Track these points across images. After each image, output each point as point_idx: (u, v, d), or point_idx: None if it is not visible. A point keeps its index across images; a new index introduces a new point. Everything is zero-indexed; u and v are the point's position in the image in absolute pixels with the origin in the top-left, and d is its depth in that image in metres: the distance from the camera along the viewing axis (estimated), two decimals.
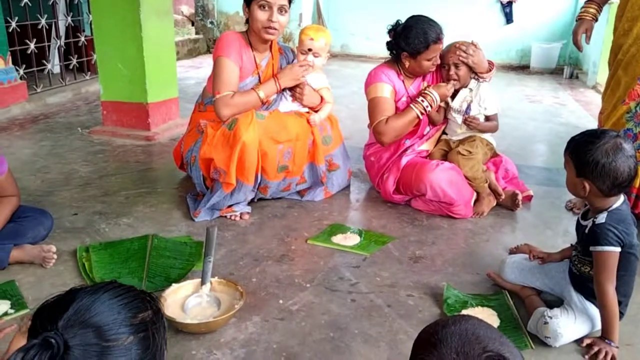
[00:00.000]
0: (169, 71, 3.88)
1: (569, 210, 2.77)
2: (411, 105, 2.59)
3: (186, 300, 1.77)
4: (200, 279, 1.84)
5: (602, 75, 6.28)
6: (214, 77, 2.46)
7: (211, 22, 8.17)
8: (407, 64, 2.63)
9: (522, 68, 7.93)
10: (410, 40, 2.54)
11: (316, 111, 2.71)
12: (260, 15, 2.40)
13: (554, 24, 7.84)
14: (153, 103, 3.72)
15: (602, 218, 1.61)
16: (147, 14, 3.52)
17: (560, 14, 7.82)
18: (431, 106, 2.56)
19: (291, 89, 2.67)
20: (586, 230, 1.65)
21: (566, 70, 7.26)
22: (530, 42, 7.80)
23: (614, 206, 1.64)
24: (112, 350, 0.75)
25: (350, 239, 2.33)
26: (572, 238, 2.41)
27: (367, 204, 2.80)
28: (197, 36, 8.17)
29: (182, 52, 7.49)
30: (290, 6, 2.49)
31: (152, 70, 3.64)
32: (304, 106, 2.70)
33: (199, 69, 6.82)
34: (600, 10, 2.62)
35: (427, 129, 2.78)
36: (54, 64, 5.17)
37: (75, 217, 2.46)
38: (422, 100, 2.56)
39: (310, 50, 2.60)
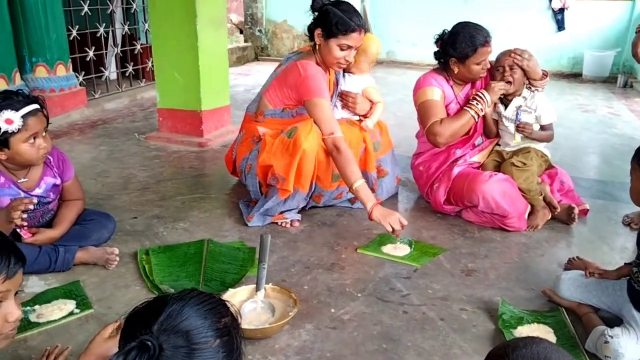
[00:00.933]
0: (222, 80, 3.99)
1: (626, 226, 2.68)
2: (465, 108, 2.58)
3: (242, 306, 1.82)
4: (254, 285, 1.88)
5: None
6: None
7: (260, 31, 8.34)
8: (456, 70, 2.62)
9: (574, 76, 7.72)
10: (457, 45, 2.54)
11: (367, 117, 2.75)
12: (339, 54, 2.44)
13: (608, 31, 7.60)
14: (207, 111, 3.83)
15: None
16: (204, 25, 3.63)
17: (615, 21, 7.58)
18: (484, 108, 2.55)
19: (343, 100, 2.71)
20: None
21: (620, 79, 7.02)
22: (582, 49, 7.59)
23: None
24: (200, 353, 0.80)
25: (400, 250, 2.33)
26: (629, 254, 2.35)
27: (416, 214, 2.79)
28: (246, 44, 8.35)
29: (232, 60, 7.65)
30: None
31: (206, 79, 3.75)
32: (356, 114, 2.75)
33: (248, 77, 6.97)
34: None
35: (480, 139, 2.75)
36: (111, 71, 5.39)
37: (135, 221, 2.56)
38: (477, 103, 2.55)
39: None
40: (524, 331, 1.77)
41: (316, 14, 2.48)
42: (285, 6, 8.21)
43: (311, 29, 2.50)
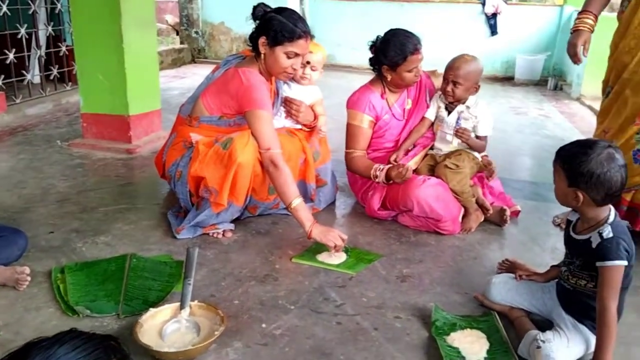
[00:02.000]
0: (152, 83, 3.81)
1: (556, 226, 2.74)
2: (372, 169, 2.58)
3: (164, 326, 1.70)
4: (179, 303, 1.76)
5: (586, 87, 6.33)
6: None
7: (196, 32, 8.11)
8: (388, 77, 2.61)
9: (507, 79, 7.98)
10: (388, 53, 2.53)
11: (309, 127, 2.69)
12: (285, 62, 2.33)
13: (538, 35, 7.91)
14: (135, 115, 3.65)
15: (609, 232, 1.58)
16: (129, 25, 3.45)
17: (544, 25, 7.89)
18: (379, 181, 2.58)
19: (286, 106, 2.63)
20: (593, 245, 1.59)
21: (550, 81, 7.32)
22: (514, 53, 7.85)
23: (613, 218, 1.61)
24: None
25: (336, 257, 2.26)
26: (560, 255, 2.38)
27: (353, 220, 2.75)
28: (181, 46, 8.10)
29: (166, 61, 7.41)
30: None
31: (133, 82, 3.57)
32: (298, 123, 2.67)
33: (183, 79, 6.75)
34: (596, 21, 2.53)
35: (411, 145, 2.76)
36: (34, 74, 5.06)
37: (52, 236, 2.37)
38: (380, 173, 2.56)
39: (308, 63, 2.57)
40: (457, 337, 1.75)
41: (257, 22, 2.36)
42: (222, 7, 8.03)
43: (254, 38, 2.37)
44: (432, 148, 2.77)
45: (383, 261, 2.29)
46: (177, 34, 8.97)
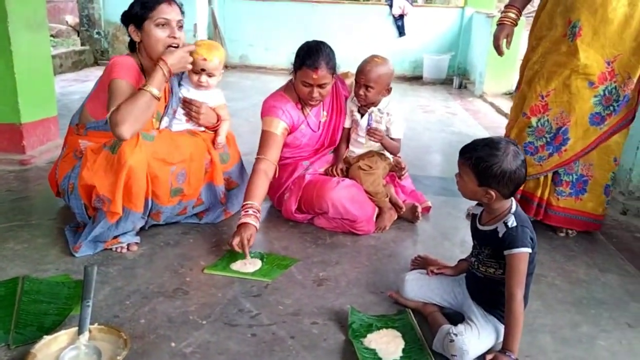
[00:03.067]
0: (46, 88, 3.53)
1: (467, 218, 2.85)
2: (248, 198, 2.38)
3: (61, 354, 1.55)
4: (77, 327, 1.62)
5: (488, 85, 6.71)
6: (108, 100, 2.18)
7: (97, 33, 7.67)
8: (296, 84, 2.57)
9: (415, 79, 8.27)
10: (295, 58, 2.51)
11: (213, 130, 2.57)
12: (160, 33, 2.24)
13: (443, 36, 8.28)
14: (28, 123, 3.35)
15: (512, 221, 1.65)
16: (17, 26, 3.16)
17: (448, 27, 8.27)
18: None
19: (185, 108, 2.51)
20: (500, 235, 1.66)
21: (455, 80, 7.68)
22: (422, 54, 8.16)
23: (515, 208, 1.69)
24: None
25: (251, 265, 2.19)
26: (469, 247, 2.47)
27: (268, 225, 2.68)
28: (82, 47, 7.63)
29: (66, 64, 6.95)
30: (183, 19, 2.36)
31: (25, 87, 3.28)
32: (200, 125, 2.55)
33: (85, 83, 6.35)
34: (520, 15, 2.64)
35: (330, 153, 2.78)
36: None
37: None
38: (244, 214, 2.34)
39: (203, 70, 2.43)
40: (373, 338, 1.74)
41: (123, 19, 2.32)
42: (124, 6, 7.64)
43: (130, 40, 2.32)
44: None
45: (299, 266, 2.25)
46: (78, 35, 8.46)
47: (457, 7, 8.78)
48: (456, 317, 1.84)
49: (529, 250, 1.62)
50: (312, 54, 2.44)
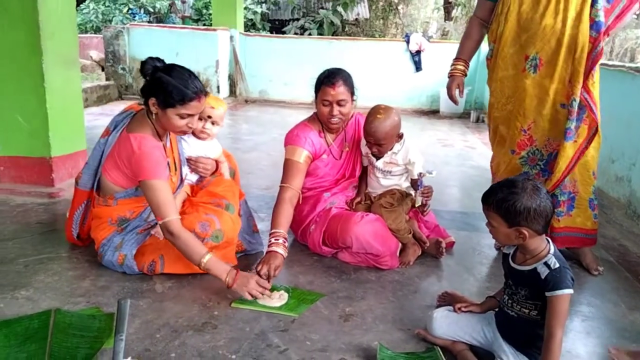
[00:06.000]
0: (76, 123, 3.64)
1: (497, 250, 2.86)
2: (275, 228, 2.44)
3: None
4: None
5: None
6: (151, 199, 2.22)
7: (122, 68, 7.91)
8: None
9: (432, 113, 8.34)
10: (315, 83, 2.62)
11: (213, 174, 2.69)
12: (179, 122, 2.22)
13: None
14: (57, 157, 3.45)
15: (554, 262, 1.66)
16: (51, 63, 3.29)
17: None
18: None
19: (192, 165, 2.60)
20: (542, 276, 1.65)
21: (473, 114, 7.73)
22: (438, 88, 8.24)
23: (553, 248, 1.70)
24: None
25: (278, 299, 2.21)
26: (496, 284, 2.46)
27: (292, 258, 2.69)
28: (107, 82, 7.85)
29: (91, 99, 7.15)
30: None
31: (56, 122, 3.39)
32: (203, 175, 2.66)
33: (110, 117, 6.48)
34: (468, 66, 2.84)
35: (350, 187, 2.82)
36: None
37: None
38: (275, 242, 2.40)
39: (210, 117, 2.54)
40: None
41: (147, 79, 2.21)
42: (150, 44, 7.91)
43: (145, 93, 2.24)
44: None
45: (325, 300, 2.26)
46: (103, 70, 8.72)
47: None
48: (486, 356, 1.83)
49: (572, 291, 1.61)
50: (329, 74, 2.57)
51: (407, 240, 2.63)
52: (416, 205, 2.69)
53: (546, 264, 1.67)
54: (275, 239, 2.38)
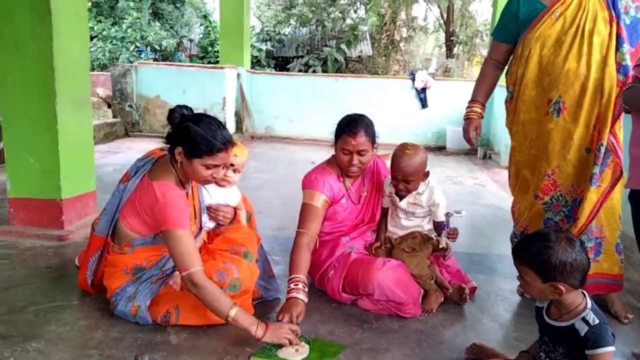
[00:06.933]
0: (86, 164, 3.60)
1: (520, 295, 2.78)
2: (294, 273, 2.40)
3: None
4: None
5: None
6: (173, 249, 2.15)
7: (130, 106, 7.94)
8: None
9: (438, 149, 8.33)
10: (336, 129, 2.57)
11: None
12: (204, 172, 2.17)
13: (464, 108, 8.39)
14: (68, 199, 3.39)
15: (593, 318, 1.59)
16: (64, 105, 3.27)
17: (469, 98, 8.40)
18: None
19: (212, 214, 2.56)
20: (581, 333, 1.58)
21: (480, 151, 7.71)
22: (444, 124, 8.27)
23: (590, 303, 1.63)
24: None
25: (299, 351, 2.12)
26: (523, 333, 2.37)
27: (310, 306, 2.57)
28: (114, 119, 7.88)
29: (98, 136, 7.14)
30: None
31: (67, 163, 3.34)
32: (222, 224, 2.61)
33: (117, 154, 6.50)
34: (484, 108, 2.83)
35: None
36: None
37: None
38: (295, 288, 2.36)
39: (232, 165, 2.51)
40: None
41: (173, 127, 2.18)
42: (158, 82, 7.97)
43: (170, 141, 2.20)
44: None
45: (348, 353, 2.16)
46: (109, 107, 8.77)
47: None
48: None
49: (613, 348, 1.54)
50: (351, 123, 2.51)
51: (430, 287, 2.55)
52: (440, 247, 2.63)
53: (584, 320, 1.60)
54: (295, 284, 2.32)
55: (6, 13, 3.18)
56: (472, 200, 5.08)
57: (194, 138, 2.11)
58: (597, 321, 1.58)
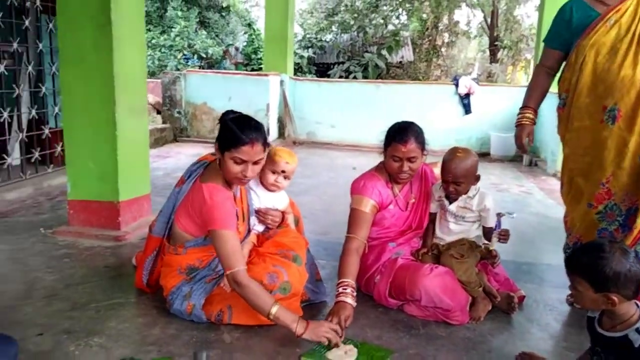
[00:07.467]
0: (142, 168, 3.77)
1: (570, 305, 2.75)
2: (343, 277, 2.44)
3: None
4: None
5: (561, 163, 6.55)
6: (220, 249, 2.24)
7: (178, 112, 8.20)
8: (385, 162, 2.66)
9: (482, 155, 8.19)
10: (386, 136, 2.62)
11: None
12: (234, 167, 2.25)
13: (509, 113, 8.23)
14: (124, 201, 3.56)
15: None
16: (123, 113, 3.44)
17: (514, 105, 8.23)
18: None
19: (261, 217, 2.63)
20: (635, 345, 1.57)
21: (525, 158, 7.56)
22: (488, 131, 8.15)
23: None
24: None
25: (348, 354, 2.16)
26: (573, 343, 2.34)
27: (357, 310, 2.59)
28: (164, 125, 8.15)
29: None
30: (265, 155, 2.32)
31: (125, 168, 3.51)
32: (271, 227, 2.68)
33: (166, 159, 6.73)
34: (536, 114, 2.80)
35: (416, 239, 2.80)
36: (14, 157, 4.96)
37: (41, 338, 2.21)
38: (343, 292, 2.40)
39: (283, 172, 2.59)
40: None
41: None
42: (205, 89, 8.21)
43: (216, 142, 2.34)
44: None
45: (395, 358, 2.19)
46: (158, 113, 9.07)
47: (522, 86, 8.81)
48: None
49: None
50: (401, 130, 2.56)
51: (477, 294, 2.55)
52: (491, 248, 2.62)
53: (638, 331, 1.58)
54: (344, 289, 2.37)
55: (69, 24, 3.39)
56: (518, 208, 4.99)
57: (224, 132, 2.25)
58: None
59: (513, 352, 2.21)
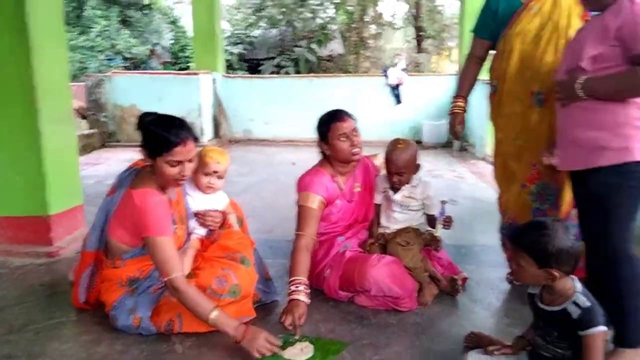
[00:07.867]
0: (72, 178, 3.58)
1: (509, 283, 2.88)
2: (295, 275, 2.43)
3: None
4: None
5: (490, 146, 6.86)
6: (154, 255, 2.19)
7: (105, 116, 7.85)
8: (327, 153, 2.68)
9: (416, 143, 8.45)
10: (318, 124, 2.66)
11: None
12: (170, 171, 2.19)
13: (439, 102, 8.54)
14: (55, 214, 3.37)
15: (584, 301, 1.66)
16: (47, 121, 3.24)
17: (443, 93, 8.55)
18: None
19: (200, 219, 2.56)
20: (574, 316, 1.66)
21: (456, 144, 7.86)
22: (420, 119, 8.40)
23: (580, 286, 1.70)
24: None
25: (304, 351, 2.17)
26: (514, 319, 2.47)
27: (309, 306, 2.63)
28: (90, 130, 7.78)
29: None
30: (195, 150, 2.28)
31: (53, 180, 3.32)
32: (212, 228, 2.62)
33: (97, 166, 6.44)
34: (466, 102, 2.95)
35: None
36: None
37: None
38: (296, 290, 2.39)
39: (215, 172, 2.54)
40: None
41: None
42: (132, 90, 7.91)
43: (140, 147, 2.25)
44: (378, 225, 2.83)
45: (350, 350, 2.22)
46: (83, 118, 8.63)
47: (449, 74, 9.14)
48: None
49: (606, 328, 1.63)
50: (334, 112, 2.65)
51: (424, 280, 2.63)
52: (435, 235, 2.71)
53: (575, 304, 1.68)
54: (296, 287, 2.37)
55: None
56: (451, 192, 5.17)
57: (150, 137, 2.17)
58: (587, 304, 1.66)
59: (461, 333, 2.30)
